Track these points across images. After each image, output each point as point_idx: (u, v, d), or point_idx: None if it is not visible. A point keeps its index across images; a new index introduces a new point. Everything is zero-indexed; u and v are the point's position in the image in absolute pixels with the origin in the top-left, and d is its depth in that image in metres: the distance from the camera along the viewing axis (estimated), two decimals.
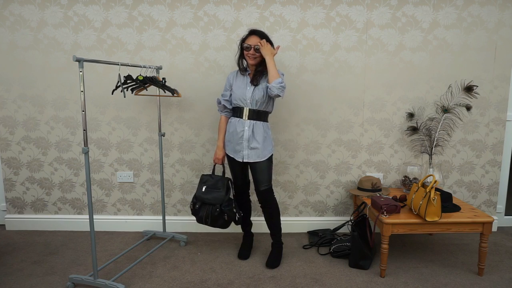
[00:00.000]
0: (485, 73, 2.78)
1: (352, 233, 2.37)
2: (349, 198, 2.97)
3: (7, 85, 2.78)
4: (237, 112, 2.32)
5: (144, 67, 2.40)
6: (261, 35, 2.23)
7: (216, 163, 2.44)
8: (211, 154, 2.88)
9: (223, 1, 2.68)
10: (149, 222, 2.96)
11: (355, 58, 2.76)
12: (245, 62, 2.35)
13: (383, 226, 2.21)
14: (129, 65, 2.28)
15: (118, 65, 2.20)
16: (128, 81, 2.35)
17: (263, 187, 2.32)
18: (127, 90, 2.37)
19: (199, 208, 2.41)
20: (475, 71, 2.78)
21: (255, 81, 2.27)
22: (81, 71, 1.92)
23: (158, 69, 2.62)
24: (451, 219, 2.20)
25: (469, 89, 2.72)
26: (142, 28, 2.71)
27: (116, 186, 2.94)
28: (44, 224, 2.98)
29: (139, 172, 2.92)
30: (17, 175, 2.92)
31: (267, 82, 2.24)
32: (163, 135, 2.74)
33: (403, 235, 2.90)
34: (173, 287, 2.15)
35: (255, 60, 2.25)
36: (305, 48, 2.74)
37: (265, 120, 2.34)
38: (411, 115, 2.81)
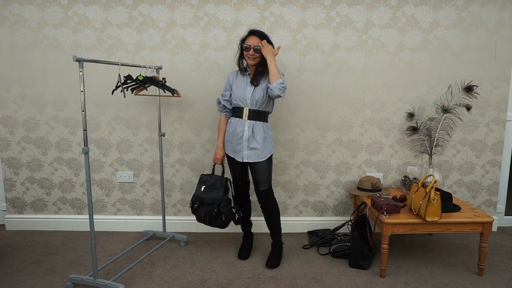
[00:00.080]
0: (485, 73, 2.78)
1: (352, 233, 2.37)
2: (349, 198, 2.97)
3: (7, 85, 2.78)
4: (237, 112, 2.32)
5: (144, 67, 2.41)
6: (261, 35, 2.22)
7: (216, 163, 2.44)
8: (211, 154, 2.88)
9: (223, 1, 2.68)
10: (149, 222, 2.97)
11: (355, 58, 2.76)
12: (245, 62, 2.35)
13: (383, 226, 2.21)
14: (129, 65, 2.28)
15: (118, 65, 2.20)
16: (128, 81, 2.35)
17: (263, 187, 2.32)
18: (127, 90, 2.37)
19: (197, 208, 2.41)
20: (475, 71, 2.78)
21: (255, 81, 2.27)
22: (81, 71, 1.92)
23: (158, 69, 2.62)
24: (451, 219, 2.20)
25: (469, 89, 2.72)
26: (142, 28, 2.71)
27: (116, 186, 2.94)
28: (44, 224, 2.98)
29: (139, 172, 2.92)
30: (17, 175, 2.92)
31: (267, 83, 2.24)
32: (163, 135, 2.74)
33: (403, 235, 2.90)
34: (173, 287, 2.15)
35: (255, 60, 2.24)
36: (305, 48, 2.74)
37: (265, 120, 2.34)
38: (411, 115, 2.81)
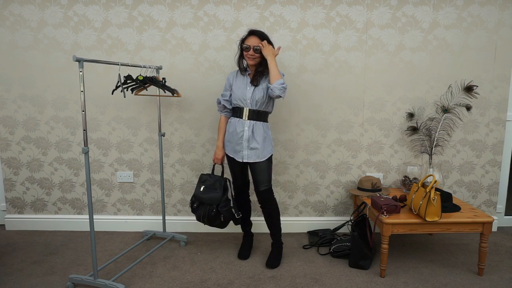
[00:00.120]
0: (485, 73, 2.78)
1: (352, 233, 2.37)
2: (349, 198, 2.97)
3: (7, 85, 2.78)
4: (237, 112, 2.32)
5: (144, 67, 2.41)
6: (261, 35, 2.22)
7: (216, 163, 2.44)
8: (211, 154, 2.88)
9: (223, 1, 2.68)
10: (149, 222, 2.97)
11: (355, 58, 2.76)
12: (245, 62, 2.35)
13: (383, 226, 2.21)
14: (129, 65, 2.28)
15: (118, 65, 2.20)
16: (128, 81, 2.35)
17: (263, 187, 2.32)
18: (127, 90, 2.37)
19: (197, 207, 2.41)
20: (475, 71, 2.78)
21: (255, 81, 2.26)
22: (81, 71, 1.92)
23: (158, 69, 2.62)
24: (451, 219, 2.20)
25: (469, 89, 2.72)
26: (142, 28, 2.71)
27: (116, 186, 2.94)
28: (44, 224, 2.98)
29: (139, 172, 2.92)
30: (17, 175, 2.92)
31: (267, 83, 2.24)
32: (163, 135, 2.74)
33: (403, 235, 2.90)
34: (173, 287, 2.15)
35: (254, 60, 2.24)
36: (305, 48, 2.74)
37: (265, 120, 2.34)
38: (411, 115, 2.80)
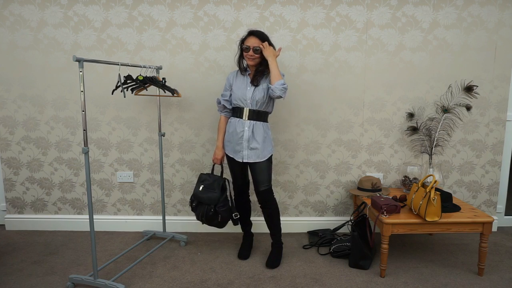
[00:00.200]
0: (485, 73, 2.78)
1: (352, 233, 2.37)
2: (349, 198, 2.97)
3: (7, 85, 2.78)
4: (237, 112, 2.32)
5: (144, 67, 2.40)
6: (260, 35, 2.22)
7: (215, 163, 2.44)
8: (211, 154, 2.88)
9: (223, 1, 2.68)
10: (149, 222, 2.97)
11: (355, 58, 2.76)
12: (245, 62, 2.35)
13: (383, 226, 2.21)
14: (129, 65, 2.28)
15: (118, 65, 2.20)
16: (128, 81, 2.35)
17: (262, 188, 2.32)
18: (127, 90, 2.37)
19: (196, 207, 2.42)
20: (475, 71, 2.78)
21: (255, 81, 2.26)
22: (81, 71, 1.92)
23: (158, 69, 2.62)
24: (451, 219, 2.20)
25: (469, 89, 2.72)
26: (142, 28, 2.71)
27: (116, 186, 2.94)
28: (44, 224, 2.98)
29: (139, 172, 2.92)
30: (17, 175, 2.92)
31: (268, 83, 2.24)
32: (163, 135, 2.74)
33: (403, 235, 2.90)
34: (173, 287, 2.15)
35: (254, 61, 2.24)
36: (305, 48, 2.74)
37: (265, 120, 2.34)
38: (411, 115, 2.80)
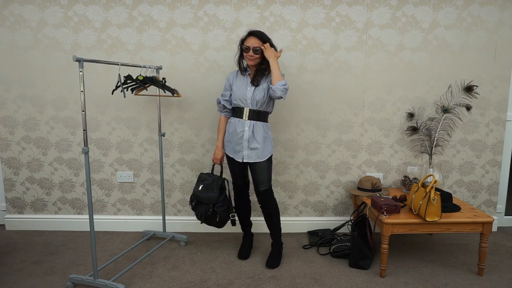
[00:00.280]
0: (485, 73, 2.78)
1: (352, 233, 2.37)
2: (349, 198, 2.97)
3: (7, 85, 2.78)
4: (237, 112, 2.32)
5: (144, 67, 2.40)
6: (260, 36, 2.22)
7: (215, 163, 2.45)
8: (211, 154, 2.87)
9: (223, 1, 2.68)
10: (149, 222, 2.97)
11: (355, 58, 2.76)
12: (245, 62, 2.35)
13: (383, 226, 2.21)
14: (129, 65, 2.28)
15: (118, 65, 2.20)
16: (128, 81, 2.35)
17: (263, 188, 2.32)
18: (127, 90, 2.37)
19: (195, 206, 2.43)
20: (475, 71, 2.78)
21: (255, 81, 2.26)
22: (81, 71, 1.92)
23: (158, 69, 2.62)
24: (451, 219, 2.20)
25: (469, 89, 2.72)
26: (142, 28, 2.71)
27: (116, 186, 2.94)
28: (44, 224, 2.98)
29: (139, 172, 2.92)
30: (17, 175, 2.92)
31: (268, 83, 2.24)
32: (163, 135, 2.74)
33: (403, 235, 2.90)
34: (173, 287, 2.15)
35: (254, 61, 2.24)
36: (305, 48, 2.74)
37: (265, 120, 2.34)
38: (411, 115, 2.80)
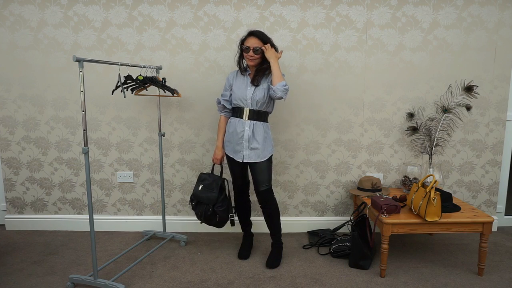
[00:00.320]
0: (485, 73, 2.78)
1: (352, 233, 2.37)
2: (349, 198, 2.97)
3: (7, 85, 2.78)
4: (237, 112, 2.32)
5: (144, 67, 2.40)
6: (260, 36, 2.22)
7: (215, 163, 2.45)
8: (211, 154, 2.87)
9: (223, 1, 2.68)
10: (149, 222, 2.97)
11: (355, 58, 2.76)
12: (245, 62, 2.35)
13: (383, 226, 2.21)
14: (129, 65, 2.28)
15: (118, 65, 2.20)
16: (128, 81, 2.35)
17: (263, 188, 2.32)
18: (127, 90, 2.37)
19: (195, 206, 2.44)
20: (475, 71, 2.78)
21: (255, 81, 2.26)
22: (81, 71, 1.92)
23: (158, 69, 2.62)
24: (451, 219, 2.20)
25: (469, 89, 2.72)
26: (142, 28, 2.71)
27: (116, 186, 2.94)
28: (44, 224, 2.98)
29: (139, 172, 2.92)
30: (17, 175, 2.92)
31: (269, 83, 2.24)
32: (163, 135, 2.74)
33: (403, 235, 2.90)
34: (173, 287, 2.15)
35: (254, 61, 2.24)
36: (305, 48, 2.74)
37: (265, 120, 2.34)
38: (411, 115, 2.80)
